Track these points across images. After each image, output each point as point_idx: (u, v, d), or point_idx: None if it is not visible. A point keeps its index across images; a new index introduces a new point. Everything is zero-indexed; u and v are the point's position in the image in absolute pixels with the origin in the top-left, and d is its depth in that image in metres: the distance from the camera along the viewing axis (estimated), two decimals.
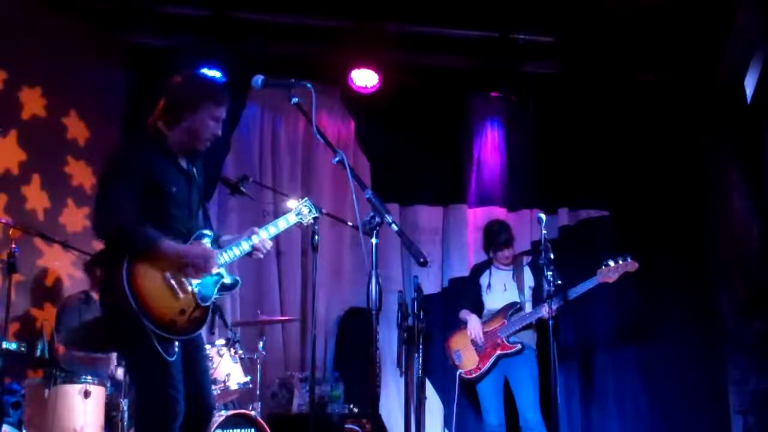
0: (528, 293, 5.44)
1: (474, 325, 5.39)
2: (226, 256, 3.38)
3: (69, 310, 5.00)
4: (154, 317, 3.09)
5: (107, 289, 3.20)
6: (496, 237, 5.58)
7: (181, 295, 3.20)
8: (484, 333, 5.36)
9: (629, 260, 5.13)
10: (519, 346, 5.27)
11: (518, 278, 5.49)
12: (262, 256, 3.52)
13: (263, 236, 3.48)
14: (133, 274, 3.07)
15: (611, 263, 5.12)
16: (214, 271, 3.30)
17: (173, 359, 3.12)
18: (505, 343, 5.30)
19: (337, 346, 6.35)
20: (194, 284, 3.25)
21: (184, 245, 3.24)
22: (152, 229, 3.13)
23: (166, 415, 3.09)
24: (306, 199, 3.77)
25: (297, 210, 3.70)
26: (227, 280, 3.39)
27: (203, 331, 3.37)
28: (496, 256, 5.61)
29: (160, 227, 3.17)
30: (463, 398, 5.58)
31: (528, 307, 5.39)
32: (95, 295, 5.09)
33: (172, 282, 3.19)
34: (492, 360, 5.30)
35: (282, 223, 3.62)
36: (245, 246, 3.43)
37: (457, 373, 5.41)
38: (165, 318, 3.12)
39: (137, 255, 3.09)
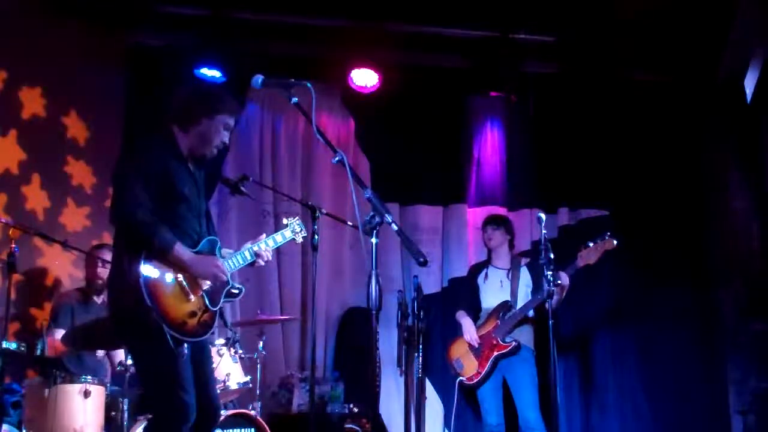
0: (524, 293, 5.41)
1: (468, 327, 5.40)
2: (230, 265, 3.43)
3: (63, 308, 4.99)
4: (168, 316, 3.10)
5: (120, 285, 3.18)
6: (487, 219, 5.72)
7: (192, 297, 3.23)
8: (480, 336, 5.36)
9: (607, 238, 5.10)
10: (514, 344, 5.26)
11: (513, 278, 5.49)
12: (263, 263, 3.60)
13: (263, 247, 3.58)
14: (148, 271, 3.09)
15: (590, 244, 5.11)
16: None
17: (183, 360, 3.13)
18: (501, 343, 5.29)
19: (337, 346, 6.35)
20: (204, 288, 3.29)
21: (196, 255, 3.26)
22: (168, 230, 3.15)
23: (178, 417, 3.09)
24: (297, 218, 3.87)
25: (291, 228, 3.82)
26: (234, 290, 3.45)
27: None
28: (484, 239, 5.65)
29: (171, 227, 3.19)
30: (463, 399, 5.58)
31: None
32: (91, 293, 5.09)
33: (185, 284, 3.21)
34: (491, 362, 5.30)
35: (279, 238, 3.73)
36: (248, 255, 3.52)
37: (458, 380, 5.42)
38: (177, 318, 3.15)
39: (151, 253, 3.11)
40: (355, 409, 5.46)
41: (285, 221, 3.86)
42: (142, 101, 5.98)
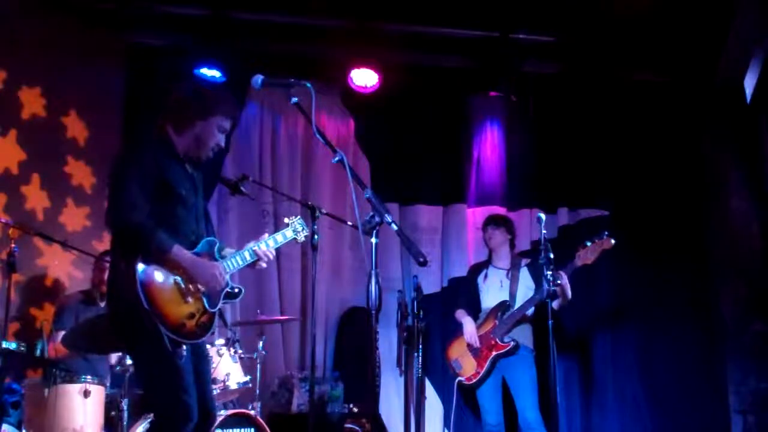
0: (523, 293, 5.40)
1: (469, 328, 5.39)
2: (230, 265, 3.41)
3: (67, 310, 4.99)
4: (166, 319, 3.09)
5: (117, 288, 3.18)
6: (488, 219, 5.72)
7: (190, 299, 3.22)
8: (479, 336, 5.36)
9: (605, 237, 5.07)
10: (512, 344, 5.26)
11: (513, 278, 5.48)
12: (264, 265, 3.57)
13: (263, 248, 3.54)
14: (145, 274, 3.07)
15: (588, 244, 5.08)
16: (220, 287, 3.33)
17: (183, 362, 3.13)
18: (499, 343, 5.29)
19: (337, 345, 6.35)
20: (203, 289, 3.28)
21: (195, 258, 3.24)
22: (164, 233, 3.13)
23: (179, 418, 3.08)
24: (299, 217, 3.82)
25: (293, 227, 3.76)
26: (233, 291, 3.43)
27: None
28: (484, 239, 5.66)
29: (169, 229, 3.17)
30: (462, 399, 5.57)
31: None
32: (96, 295, 5.09)
33: (182, 286, 3.20)
34: (489, 362, 5.29)
35: (279, 238, 3.68)
36: (248, 256, 3.48)
37: (456, 380, 5.41)
38: (176, 321, 3.13)
39: (148, 256, 3.10)
40: (355, 409, 5.46)
41: (286, 220, 3.81)
42: (142, 101, 5.98)
